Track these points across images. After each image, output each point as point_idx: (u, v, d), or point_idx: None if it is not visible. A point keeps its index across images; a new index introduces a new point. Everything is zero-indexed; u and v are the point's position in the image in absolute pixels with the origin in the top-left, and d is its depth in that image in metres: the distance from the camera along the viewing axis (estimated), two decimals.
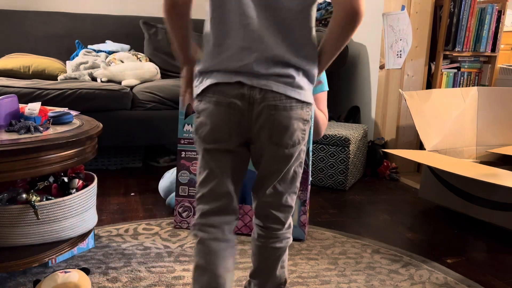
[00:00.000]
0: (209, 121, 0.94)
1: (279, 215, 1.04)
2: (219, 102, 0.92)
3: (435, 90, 2.45)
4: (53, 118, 1.37)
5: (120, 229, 1.73)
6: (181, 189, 1.76)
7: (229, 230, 1.02)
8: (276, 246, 1.06)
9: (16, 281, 1.33)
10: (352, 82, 3.07)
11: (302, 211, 1.66)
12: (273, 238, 1.06)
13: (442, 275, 1.46)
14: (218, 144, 0.97)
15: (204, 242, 1.00)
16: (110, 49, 2.99)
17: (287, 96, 0.91)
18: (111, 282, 1.35)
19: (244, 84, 0.90)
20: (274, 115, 0.92)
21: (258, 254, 1.10)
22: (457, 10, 2.52)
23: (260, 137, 0.95)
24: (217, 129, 0.94)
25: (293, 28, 0.92)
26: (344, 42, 0.96)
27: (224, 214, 1.01)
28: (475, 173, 1.74)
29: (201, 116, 0.95)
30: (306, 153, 1.65)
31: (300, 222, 1.66)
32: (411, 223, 1.96)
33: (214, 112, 0.93)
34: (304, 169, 1.65)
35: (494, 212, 1.81)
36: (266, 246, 1.07)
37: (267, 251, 1.07)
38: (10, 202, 1.29)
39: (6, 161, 1.13)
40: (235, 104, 0.91)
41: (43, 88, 2.32)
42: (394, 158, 2.63)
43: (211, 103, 0.93)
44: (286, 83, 0.91)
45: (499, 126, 2.33)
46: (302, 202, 1.66)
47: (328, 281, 1.40)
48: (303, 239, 1.67)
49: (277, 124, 0.92)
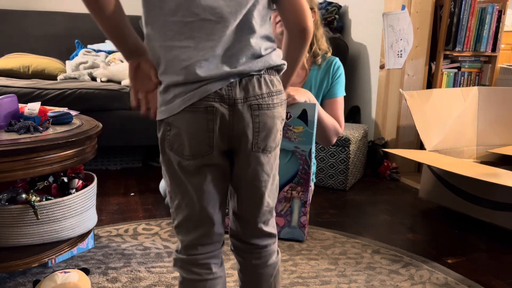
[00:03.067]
0: (185, 132, 0.80)
1: (265, 228, 0.92)
2: (196, 108, 0.79)
3: (435, 90, 2.45)
4: (53, 118, 1.37)
5: (120, 229, 1.73)
6: None
7: (216, 264, 0.90)
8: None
9: (16, 281, 1.33)
10: (352, 82, 3.07)
11: (303, 212, 1.66)
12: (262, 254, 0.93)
13: (442, 275, 1.46)
14: (197, 159, 0.82)
15: (187, 284, 0.89)
16: (109, 49, 2.99)
17: (268, 93, 0.84)
18: (110, 282, 1.35)
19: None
20: (258, 116, 0.82)
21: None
22: (457, 10, 2.52)
23: (242, 144, 0.83)
24: (195, 141, 0.81)
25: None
26: (300, 55, 0.92)
27: (208, 244, 0.88)
28: (475, 173, 1.74)
29: (173, 127, 0.81)
30: (308, 155, 1.64)
31: (300, 223, 1.66)
32: (411, 223, 1.96)
33: (189, 120, 0.80)
34: (305, 170, 1.66)
35: (495, 212, 1.81)
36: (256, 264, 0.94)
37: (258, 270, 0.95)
38: (10, 202, 1.28)
39: (5, 161, 1.13)
40: (212, 107, 0.79)
41: (43, 88, 2.32)
42: (394, 158, 2.63)
43: (185, 112, 0.79)
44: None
45: (499, 126, 2.33)
46: (302, 203, 1.65)
47: (328, 281, 1.40)
48: (303, 240, 1.67)
49: (262, 126, 0.83)
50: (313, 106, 1.60)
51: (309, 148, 1.62)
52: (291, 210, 1.66)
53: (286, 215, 1.66)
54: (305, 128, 1.60)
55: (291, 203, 1.66)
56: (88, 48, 3.01)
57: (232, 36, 0.80)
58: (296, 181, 1.66)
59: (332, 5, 3.19)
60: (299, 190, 1.65)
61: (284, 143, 1.63)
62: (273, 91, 0.84)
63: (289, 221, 1.66)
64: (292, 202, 1.65)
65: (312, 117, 1.59)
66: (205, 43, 0.79)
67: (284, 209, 1.66)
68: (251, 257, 0.92)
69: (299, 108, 1.60)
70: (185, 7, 0.78)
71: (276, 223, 1.64)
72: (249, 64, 0.81)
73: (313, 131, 1.60)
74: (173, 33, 0.79)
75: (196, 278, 0.87)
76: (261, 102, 0.82)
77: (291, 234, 1.66)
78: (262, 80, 0.83)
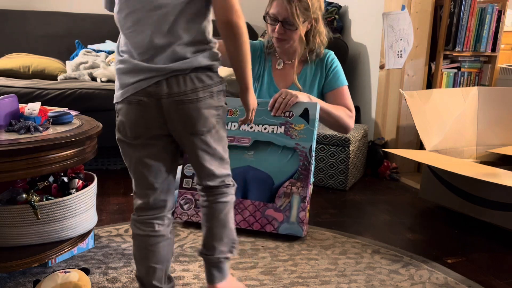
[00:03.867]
0: (125, 119, 1.04)
1: (209, 182, 1.09)
2: (130, 101, 1.01)
3: (435, 90, 2.45)
4: (53, 118, 1.37)
5: (120, 229, 1.73)
6: (185, 181, 1.78)
7: (160, 224, 1.09)
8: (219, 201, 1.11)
9: (16, 281, 1.33)
10: (352, 82, 3.07)
11: (301, 208, 1.65)
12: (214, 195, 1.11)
13: (442, 275, 1.46)
14: (138, 139, 1.05)
15: (136, 237, 1.11)
16: (110, 49, 2.99)
17: (193, 89, 1.00)
18: (111, 282, 1.35)
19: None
20: (182, 109, 1.00)
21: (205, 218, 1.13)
22: (457, 10, 2.52)
23: (176, 130, 1.03)
24: (134, 126, 1.03)
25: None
26: (238, 53, 1.02)
27: (152, 209, 1.09)
28: (475, 173, 1.74)
29: (119, 115, 1.05)
30: (309, 151, 1.66)
31: (299, 218, 1.65)
32: (411, 223, 1.96)
33: (127, 110, 1.03)
34: (305, 166, 1.67)
35: (494, 212, 1.81)
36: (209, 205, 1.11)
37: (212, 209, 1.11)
38: (10, 202, 1.28)
39: (6, 161, 1.13)
40: (142, 101, 1.00)
41: (43, 88, 2.32)
42: (394, 158, 2.63)
43: (124, 103, 1.03)
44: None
45: (499, 126, 2.33)
46: (302, 198, 1.65)
47: (328, 281, 1.40)
48: (302, 236, 1.67)
49: (187, 117, 1.01)
50: (315, 105, 1.67)
51: (309, 145, 1.66)
52: (290, 205, 1.66)
53: (285, 210, 1.66)
54: (306, 126, 1.67)
55: (290, 198, 1.66)
56: (88, 48, 3.01)
57: (158, 43, 0.98)
58: (296, 176, 1.67)
59: (332, 5, 3.20)
60: (299, 186, 1.65)
61: (286, 140, 1.68)
62: (199, 87, 1.00)
63: (288, 216, 1.65)
64: (292, 197, 1.66)
65: (313, 116, 1.66)
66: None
67: (283, 204, 1.66)
68: (206, 195, 1.10)
69: (301, 107, 1.68)
70: (121, 22, 1.02)
71: (275, 219, 1.66)
72: (174, 66, 0.98)
73: (314, 129, 1.66)
74: (120, 41, 1.04)
75: (141, 233, 1.09)
76: (183, 98, 0.99)
77: (290, 229, 1.66)
78: (187, 79, 0.99)
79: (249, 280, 1.38)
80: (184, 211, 1.76)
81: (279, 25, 1.69)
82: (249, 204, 1.69)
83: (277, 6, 1.68)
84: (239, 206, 1.69)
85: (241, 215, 1.69)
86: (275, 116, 1.71)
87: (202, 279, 1.37)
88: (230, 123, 1.75)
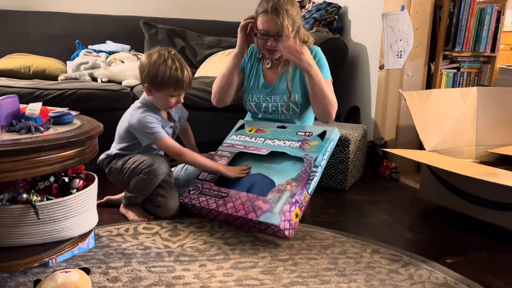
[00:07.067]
0: None
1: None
2: None
3: (435, 90, 2.46)
4: (54, 118, 1.38)
5: (120, 229, 1.73)
6: (202, 174, 1.90)
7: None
8: None
9: (17, 281, 1.33)
10: (352, 82, 3.07)
11: (288, 202, 1.61)
12: None
13: (442, 275, 1.46)
14: None
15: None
16: (110, 49, 2.99)
17: None
18: (111, 282, 1.35)
19: None
20: None
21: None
22: (456, 11, 2.52)
23: None
24: None
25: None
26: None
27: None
28: (475, 173, 1.74)
29: None
30: (314, 161, 1.73)
31: (282, 210, 1.59)
32: (411, 223, 1.96)
33: None
34: (306, 170, 1.69)
35: (494, 212, 1.82)
36: None
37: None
38: (11, 202, 1.29)
39: (6, 161, 1.13)
40: None
41: (44, 88, 2.32)
42: (394, 158, 2.64)
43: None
44: None
45: (499, 126, 2.33)
46: (291, 194, 1.63)
47: (328, 281, 1.40)
48: (278, 224, 1.55)
49: None
50: (333, 129, 1.84)
51: (316, 155, 1.74)
52: (279, 199, 1.64)
53: (273, 202, 1.63)
54: (320, 143, 1.79)
55: (281, 194, 1.65)
56: (89, 48, 3.02)
57: None
58: (294, 178, 1.69)
59: (332, 5, 3.20)
60: (294, 185, 1.66)
61: (297, 151, 1.80)
62: None
63: (273, 207, 1.62)
64: (283, 193, 1.65)
65: (329, 136, 1.81)
66: None
67: (273, 198, 1.65)
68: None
69: (321, 129, 1.84)
70: None
71: (260, 208, 1.63)
72: None
73: (325, 145, 1.78)
74: None
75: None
76: None
77: (268, 218, 1.59)
78: None
79: (249, 280, 1.39)
80: (188, 195, 1.84)
81: (271, 40, 1.82)
82: (244, 195, 1.69)
83: (267, 22, 1.80)
84: (235, 196, 1.71)
85: (233, 202, 1.70)
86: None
87: (202, 278, 1.38)
88: (258, 138, 1.93)
